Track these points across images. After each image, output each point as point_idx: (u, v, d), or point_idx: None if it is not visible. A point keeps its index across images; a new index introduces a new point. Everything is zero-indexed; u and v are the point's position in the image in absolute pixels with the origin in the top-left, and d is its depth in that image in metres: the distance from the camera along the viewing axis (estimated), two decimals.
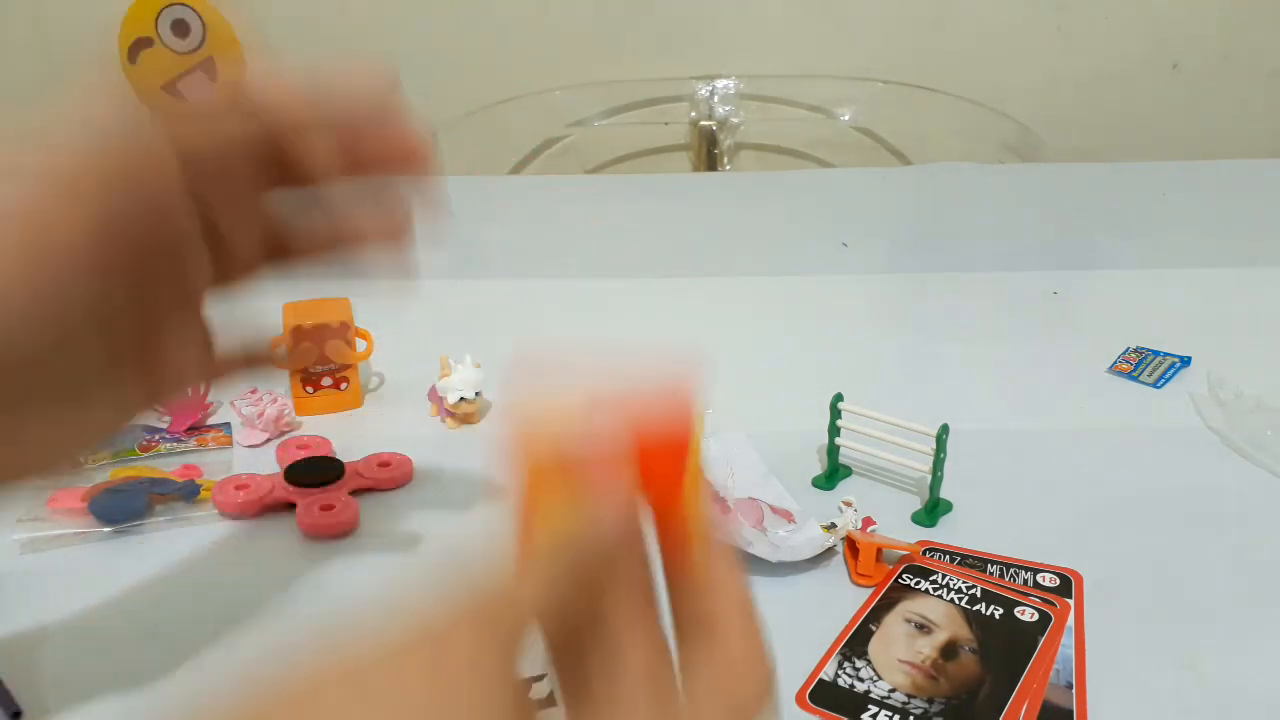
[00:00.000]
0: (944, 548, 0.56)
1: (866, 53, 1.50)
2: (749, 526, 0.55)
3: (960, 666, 0.48)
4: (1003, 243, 0.95)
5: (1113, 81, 1.51)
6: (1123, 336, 0.77)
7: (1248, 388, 0.67)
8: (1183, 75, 1.51)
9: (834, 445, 0.61)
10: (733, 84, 1.51)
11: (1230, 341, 0.76)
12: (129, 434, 0.66)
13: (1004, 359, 0.76)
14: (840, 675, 0.48)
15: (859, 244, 0.95)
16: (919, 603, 0.52)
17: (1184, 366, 0.73)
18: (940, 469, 0.58)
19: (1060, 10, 1.48)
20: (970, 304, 0.84)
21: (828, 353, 0.77)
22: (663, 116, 1.53)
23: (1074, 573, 0.54)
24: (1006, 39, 1.50)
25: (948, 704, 0.46)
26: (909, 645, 0.49)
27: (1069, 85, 1.51)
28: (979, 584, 0.53)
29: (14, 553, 0.55)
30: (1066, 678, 0.47)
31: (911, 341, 0.80)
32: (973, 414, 0.65)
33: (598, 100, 1.52)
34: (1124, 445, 0.65)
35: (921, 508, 0.59)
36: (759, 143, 1.55)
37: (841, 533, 0.55)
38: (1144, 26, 1.48)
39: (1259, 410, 0.65)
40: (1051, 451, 0.64)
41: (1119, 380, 0.72)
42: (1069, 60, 1.50)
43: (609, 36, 1.52)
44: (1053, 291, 0.85)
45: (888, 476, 0.62)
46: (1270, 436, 0.63)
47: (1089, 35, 1.49)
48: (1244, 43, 1.49)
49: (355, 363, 0.68)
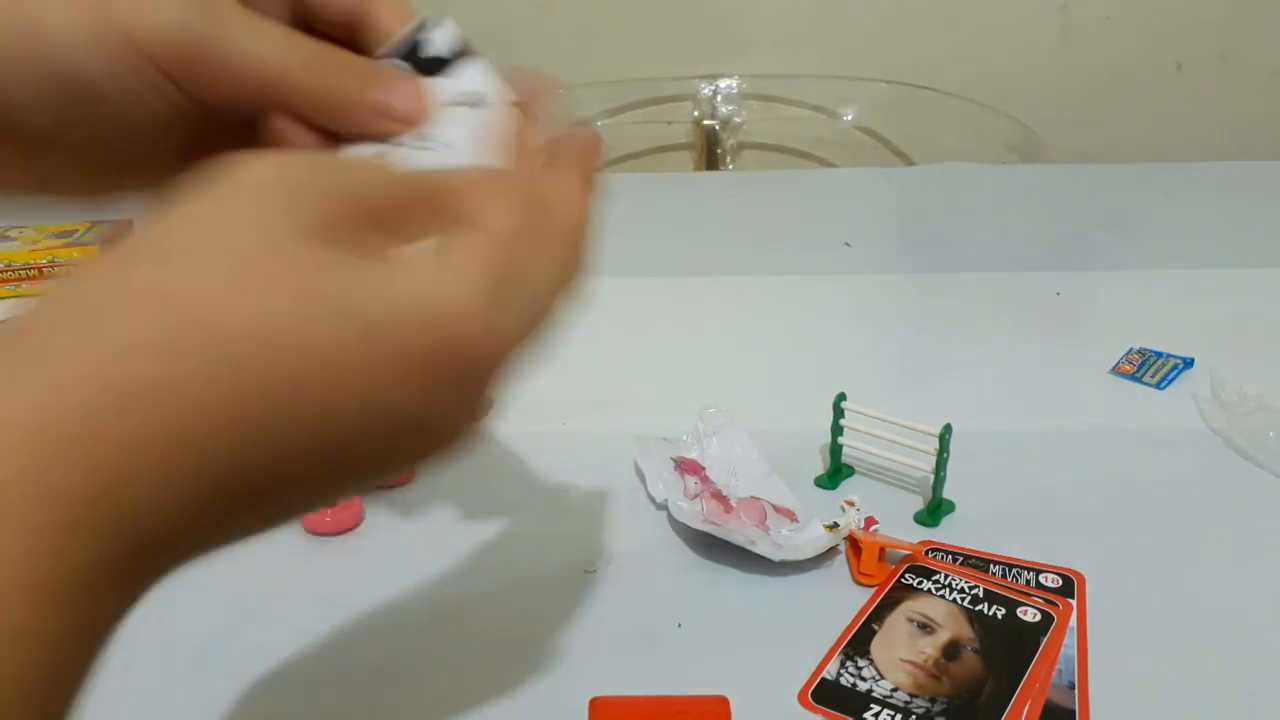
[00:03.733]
0: (946, 548, 0.56)
1: (869, 53, 1.51)
2: (752, 525, 0.55)
3: (962, 666, 0.48)
4: (1005, 243, 0.95)
5: (1116, 82, 1.51)
6: (1125, 337, 0.76)
7: (1251, 389, 0.67)
8: (1186, 76, 1.51)
9: (837, 445, 0.61)
10: (735, 83, 1.51)
11: (1233, 343, 0.76)
12: None
13: (1006, 359, 0.76)
14: (843, 674, 0.48)
15: (862, 244, 0.95)
16: (921, 602, 0.52)
17: (1187, 368, 0.73)
18: (943, 469, 0.58)
19: (1063, 11, 1.48)
20: (973, 304, 0.84)
21: (830, 352, 0.77)
22: (666, 115, 1.53)
23: (1076, 573, 0.54)
24: (1009, 39, 1.50)
25: (950, 703, 0.46)
26: (911, 645, 0.49)
27: (1072, 86, 1.51)
28: (981, 584, 0.53)
29: None
30: (1069, 678, 0.47)
31: (914, 341, 0.80)
32: (975, 414, 0.65)
33: (601, 99, 1.52)
34: (1127, 446, 0.65)
35: (924, 508, 0.59)
36: (761, 142, 1.55)
37: (844, 532, 0.55)
38: (1147, 27, 1.48)
39: (1261, 411, 0.65)
40: (1054, 452, 0.64)
41: (1122, 381, 0.72)
42: (1072, 61, 1.50)
43: (612, 35, 1.52)
44: (1055, 292, 0.85)
45: (890, 476, 0.62)
46: (1273, 438, 0.63)
47: (1092, 36, 1.49)
48: (1246, 43, 1.49)
49: None
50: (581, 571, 0.55)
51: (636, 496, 0.60)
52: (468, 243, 0.27)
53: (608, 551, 0.56)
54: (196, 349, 0.23)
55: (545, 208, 0.30)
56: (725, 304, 0.85)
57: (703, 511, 0.56)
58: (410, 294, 0.26)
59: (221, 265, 0.24)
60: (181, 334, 0.23)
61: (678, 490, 0.58)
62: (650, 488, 0.60)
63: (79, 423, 0.22)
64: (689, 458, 0.61)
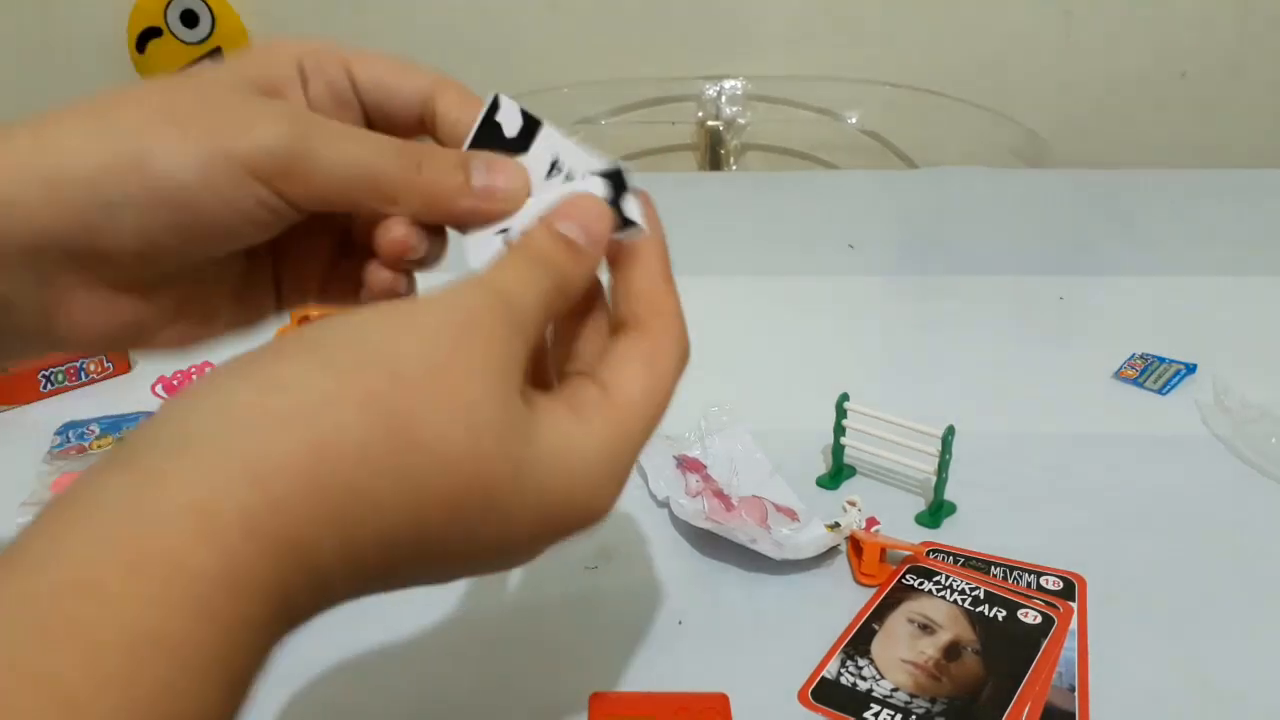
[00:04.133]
0: (948, 549, 0.56)
1: (874, 56, 1.50)
2: (753, 524, 0.55)
3: (963, 667, 0.48)
4: (1009, 247, 0.95)
5: (1121, 88, 1.51)
6: (1128, 343, 0.76)
7: (1253, 396, 0.67)
8: (1190, 83, 1.51)
9: (839, 445, 0.61)
10: (740, 85, 1.51)
11: (1236, 349, 0.76)
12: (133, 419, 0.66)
13: (1009, 363, 0.76)
14: (843, 674, 0.48)
15: (865, 246, 0.95)
16: (922, 603, 0.52)
17: (1189, 374, 0.73)
18: (945, 470, 0.58)
19: (1069, 16, 1.48)
20: (976, 308, 0.84)
21: (833, 353, 0.77)
22: (670, 116, 1.53)
23: (1078, 576, 0.54)
24: (1015, 44, 1.50)
25: (950, 704, 0.46)
26: (912, 645, 0.49)
27: (1077, 91, 1.51)
28: (982, 586, 0.53)
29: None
30: (1069, 680, 0.47)
31: (917, 344, 0.80)
32: (978, 417, 0.65)
33: (605, 98, 1.52)
34: (1129, 451, 0.65)
35: (925, 509, 0.59)
36: (765, 144, 1.55)
37: (845, 532, 0.55)
38: (1152, 34, 1.48)
39: (1264, 418, 0.65)
40: (1056, 456, 0.64)
41: (1124, 386, 0.72)
42: (1077, 66, 1.50)
43: (617, 35, 1.52)
44: (1059, 297, 0.85)
45: (892, 477, 0.62)
46: (1275, 445, 0.63)
47: (1097, 42, 1.49)
48: (1252, 52, 1.49)
49: None
50: (582, 568, 0.55)
51: (638, 494, 0.60)
52: (601, 409, 0.31)
53: (609, 548, 0.56)
54: (398, 473, 0.26)
55: (662, 360, 0.32)
56: (728, 304, 0.85)
57: (704, 509, 0.56)
58: (554, 449, 0.29)
59: (446, 403, 0.27)
60: (392, 456, 0.26)
61: (679, 488, 0.58)
62: (652, 485, 0.60)
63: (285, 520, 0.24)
64: (691, 456, 0.61)
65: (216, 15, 1.50)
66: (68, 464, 0.60)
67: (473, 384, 0.27)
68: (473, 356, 0.28)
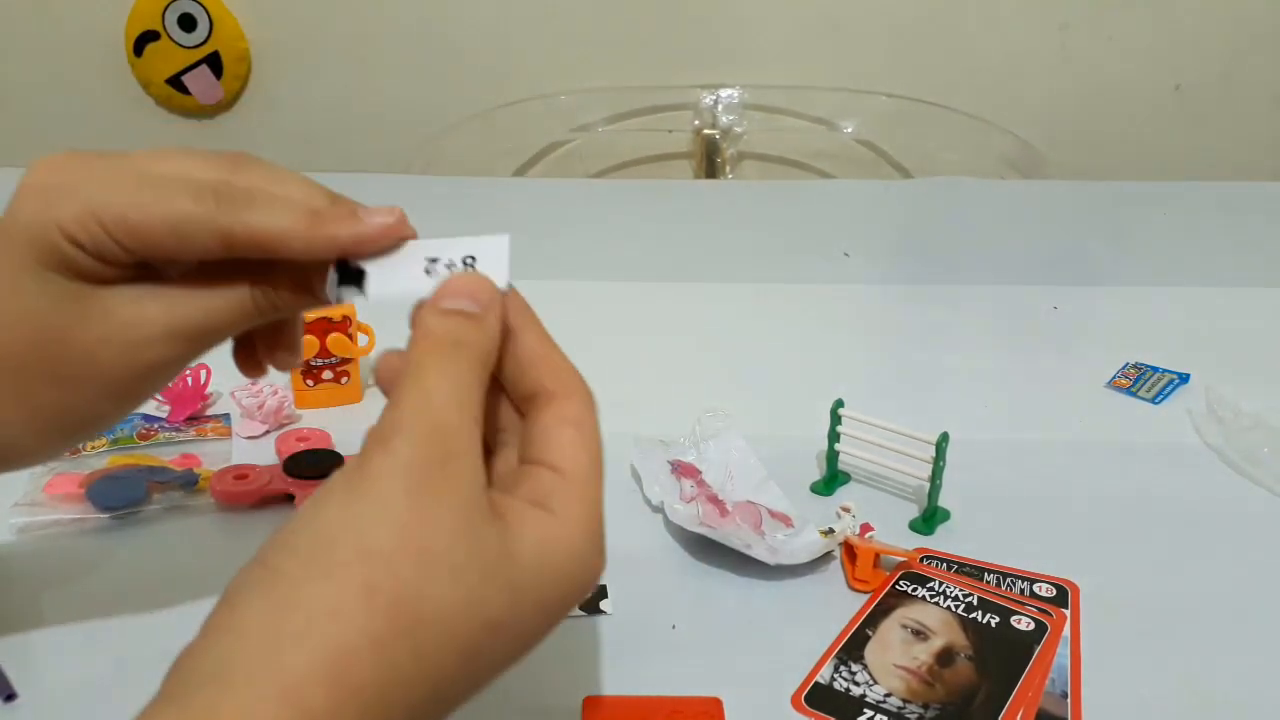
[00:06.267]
0: (941, 555, 0.56)
1: (870, 66, 1.51)
2: (747, 529, 0.55)
3: (956, 673, 0.48)
4: (1003, 257, 0.95)
5: (1115, 101, 1.52)
6: (1122, 352, 0.77)
7: (1246, 405, 0.68)
8: (1184, 97, 1.52)
9: (833, 451, 0.61)
10: (736, 94, 1.52)
11: (1229, 359, 0.76)
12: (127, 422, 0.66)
13: (1003, 372, 0.76)
14: (836, 679, 0.48)
15: (860, 255, 0.96)
16: (916, 609, 0.52)
17: (1182, 383, 0.73)
18: (939, 477, 0.58)
19: (1064, 29, 1.49)
20: (970, 317, 0.85)
21: (828, 360, 0.77)
22: (666, 124, 1.53)
23: (1071, 584, 0.54)
24: (1010, 56, 1.51)
25: (943, 709, 0.46)
26: (905, 651, 0.49)
27: (1072, 103, 1.52)
28: (976, 592, 0.53)
29: (10, 537, 0.55)
30: (1062, 687, 0.47)
31: (911, 352, 0.80)
32: (972, 425, 0.65)
33: (603, 106, 1.52)
34: (1122, 460, 0.65)
35: (919, 515, 0.59)
36: (761, 153, 1.56)
37: (839, 538, 0.55)
38: (1147, 48, 1.49)
39: (1257, 428, 0.66)
40: (1050, 464, 0.65)
41: (1117, 395, 0.72)
42: (1072, 79, 1.51)
43: (615, 43, 1.53)
44: (1052, 306, 0.86)
45: (886, 484, 0.62)
46: (1267, 454, 0.64)
47: (1092, 55, 1.50)
48: (1245, 66, 1.50)
49: (357, 357, 0.68)
50: None
51: (633, 498, 0.60)
52: (563, 492, 0.33)
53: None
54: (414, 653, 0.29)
55: (586, 417, 0.34)
56: (724, 310, 0.85)
57: (699, 514, 0.56)
58: (538, 553, 0.31)
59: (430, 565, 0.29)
60: (402, 639, 0.28)
61: (674, 493, 0.58)
62: (646, 490, 0.60)
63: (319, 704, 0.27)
64: (686, 461, 0.61)
65: (214, 19, 1.51)
66: (61, 466, 0.60)
67: (441, 535, 0.29)
68: (435, 506, 0.30)
